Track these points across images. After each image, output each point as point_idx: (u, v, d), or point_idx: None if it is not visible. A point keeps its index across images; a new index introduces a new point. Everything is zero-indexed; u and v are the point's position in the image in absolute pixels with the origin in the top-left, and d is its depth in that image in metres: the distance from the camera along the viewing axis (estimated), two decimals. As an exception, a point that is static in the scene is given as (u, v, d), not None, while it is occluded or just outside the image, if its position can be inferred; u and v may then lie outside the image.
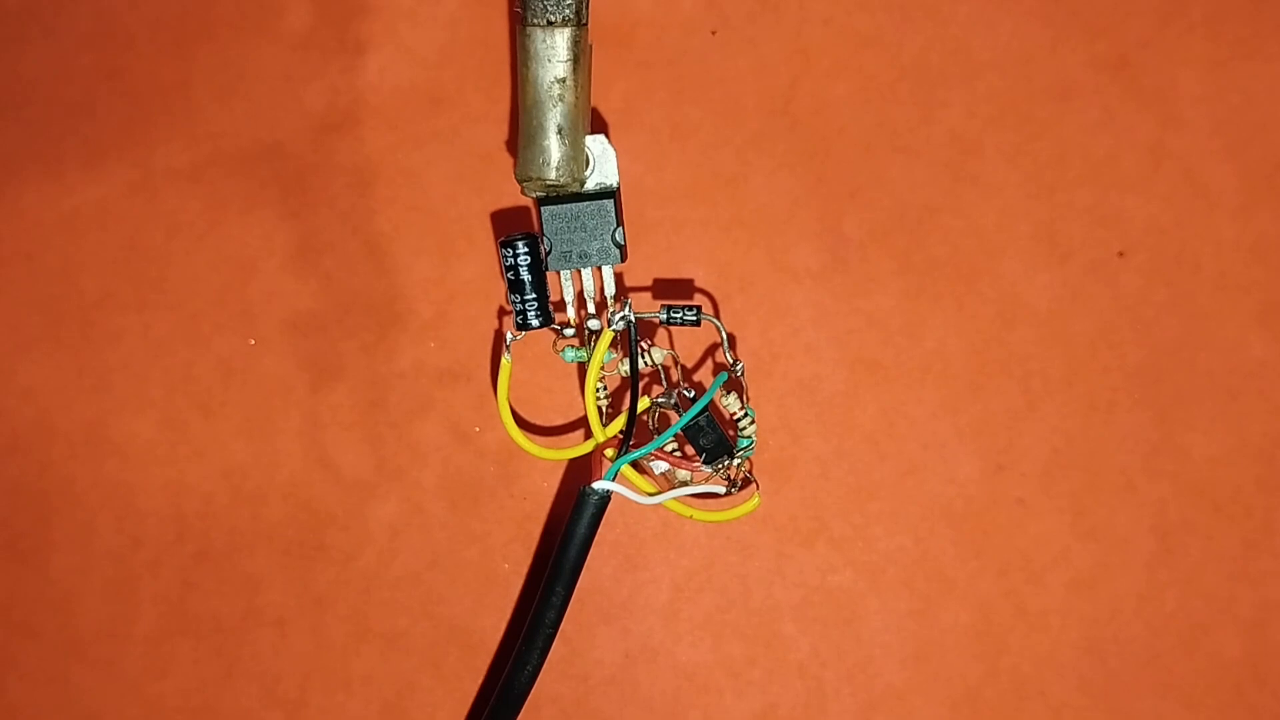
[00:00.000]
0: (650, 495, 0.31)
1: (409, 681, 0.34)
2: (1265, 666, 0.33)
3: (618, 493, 0.31)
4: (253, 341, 0.34)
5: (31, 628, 0.34)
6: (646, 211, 0.34)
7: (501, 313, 0.34)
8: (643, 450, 0.31)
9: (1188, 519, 0.33)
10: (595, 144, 0.30)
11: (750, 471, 0.32)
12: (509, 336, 0.31)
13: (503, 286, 0.33)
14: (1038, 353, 0.34)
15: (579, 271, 0.31)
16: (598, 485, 0.30)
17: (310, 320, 0.34)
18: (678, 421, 0.31)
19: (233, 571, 0.34)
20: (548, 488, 0.34)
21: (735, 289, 0.34)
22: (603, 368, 0.31)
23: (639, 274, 0.34)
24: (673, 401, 0.32)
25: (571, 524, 0.31)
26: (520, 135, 0.29)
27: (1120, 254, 0.34)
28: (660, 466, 0.31)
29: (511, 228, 0.34)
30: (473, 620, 0.34)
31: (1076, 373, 0.34)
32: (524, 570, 0.34)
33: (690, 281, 0.34)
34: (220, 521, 0.34)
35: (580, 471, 0.34)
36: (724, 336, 0.31)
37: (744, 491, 0.32)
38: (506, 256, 0.30)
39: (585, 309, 0.32)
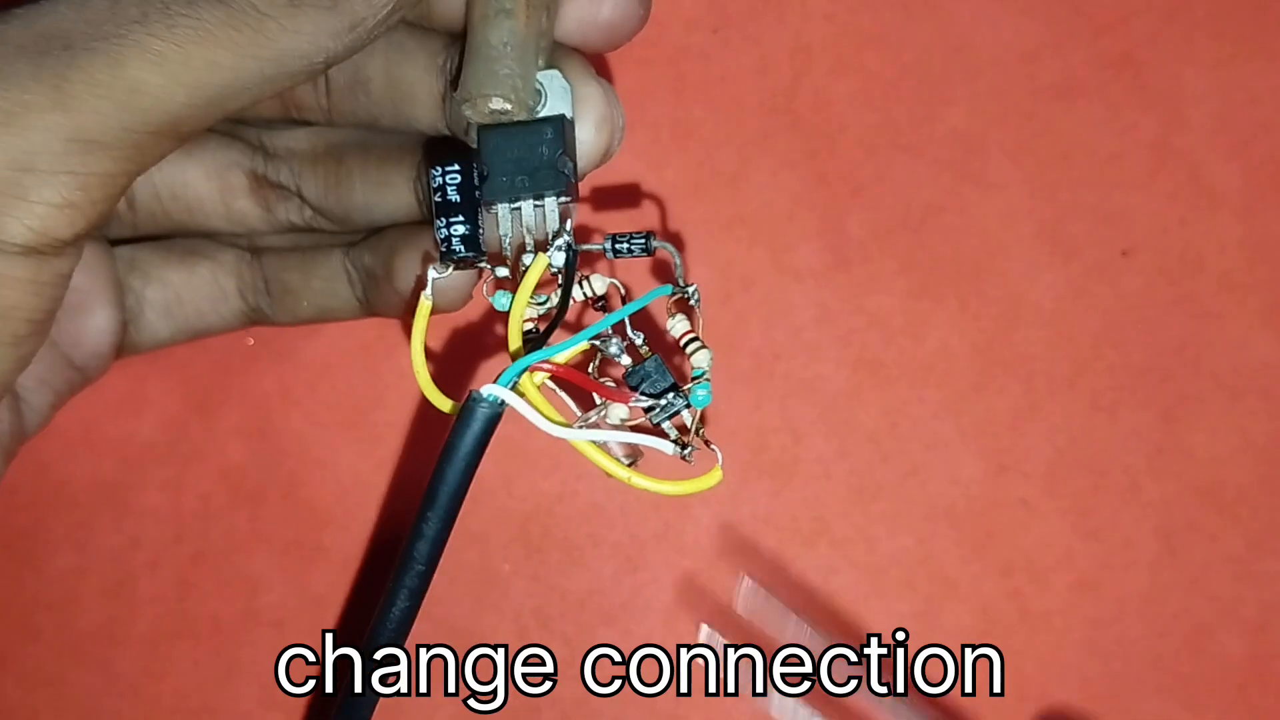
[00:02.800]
0: (560, 425, 0.24)
1: (409, 681, 0.33)
2: (1269, 668, 0.33)
3: (517, 410, 0.24)
4: (251, 341, 0.34)
5: (30, 628, 0.34)
6: (647, 210, 0.34)
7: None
8: (556, 349, 0.25)
9: (1192, 519, 0.33)
10: (548, 78, 0.26)
11: (707, 438, 0.26)
12: (431, 272, 0.27)
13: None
14: (1041, 352, 0.34)
15: (519, 211, 0.26)
16: (486, 391, 0.24)
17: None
18: (609, 316, 0.25)
19: (232, 572, 0.34)
20: (549, 488, 0.34)
21: (737, 288, 0.34)
22: (533, 298, 0.26)
23: (639, 272, 0.34)
24: (616, 346, 0.26)
25: (453, 437, 0.25)
26: (466, 52, 0.25)
27: (1124, 253, 0.34)
28: (615, 436, 0.25)
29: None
30: (473, 621, 0.33)
31: (1080, 372, 0.33)
32: (525, 570, 0.34)
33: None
34: (219, 521, 0.34)
35: (582, 477, 0.34)
36: (678, 262, 0.26)
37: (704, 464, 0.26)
38: (435, 177, 0.26)
39: (525, 247, 0.27)
